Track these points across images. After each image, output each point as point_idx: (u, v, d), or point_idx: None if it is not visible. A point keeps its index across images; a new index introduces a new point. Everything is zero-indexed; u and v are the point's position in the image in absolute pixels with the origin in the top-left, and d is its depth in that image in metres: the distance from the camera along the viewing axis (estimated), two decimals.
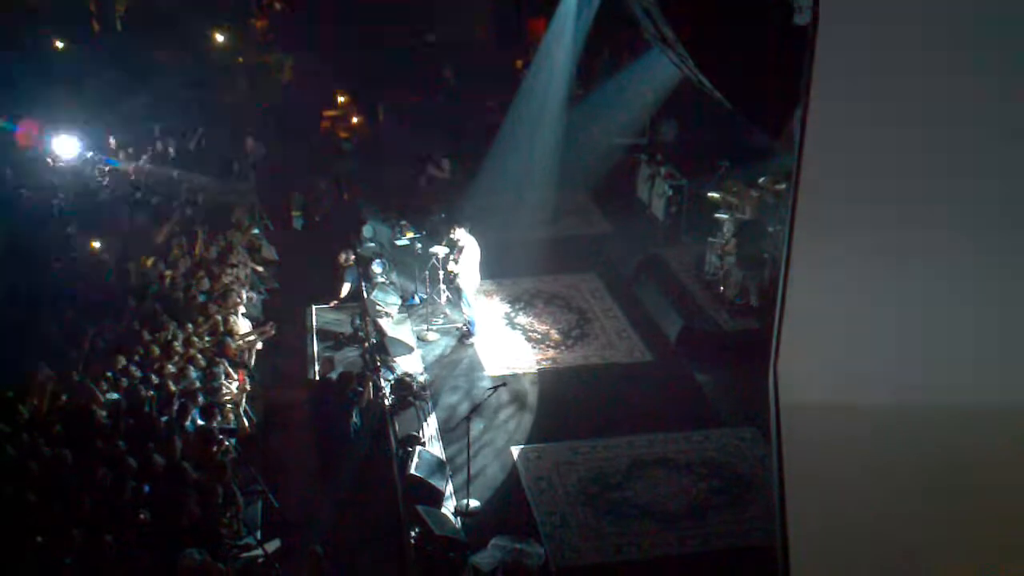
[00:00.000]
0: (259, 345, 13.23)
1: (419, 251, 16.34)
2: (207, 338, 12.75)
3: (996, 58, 3.41)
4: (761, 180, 15.97)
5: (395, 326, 14.52)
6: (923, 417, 3.80)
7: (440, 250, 15.17)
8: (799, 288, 4.44)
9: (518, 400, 13.00)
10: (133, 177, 18.77)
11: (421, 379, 13.25)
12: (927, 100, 3.69)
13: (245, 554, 9.56)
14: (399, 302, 15.22)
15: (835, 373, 4.41)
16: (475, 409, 11.39)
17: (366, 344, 14.01)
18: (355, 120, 24.19)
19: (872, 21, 4.00)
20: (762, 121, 9.49)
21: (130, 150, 19.80)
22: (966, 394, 3.61)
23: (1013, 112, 3.34)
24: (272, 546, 9.68)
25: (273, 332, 13.40)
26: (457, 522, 10.48)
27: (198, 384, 11.68)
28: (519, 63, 23.64)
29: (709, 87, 9.84)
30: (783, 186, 15.18)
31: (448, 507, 10.79)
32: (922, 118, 3.73)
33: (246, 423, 11.79)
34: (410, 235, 17.48)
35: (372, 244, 16.98)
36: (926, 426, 3.80)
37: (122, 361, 11.83)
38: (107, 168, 19.07)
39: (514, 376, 13.55)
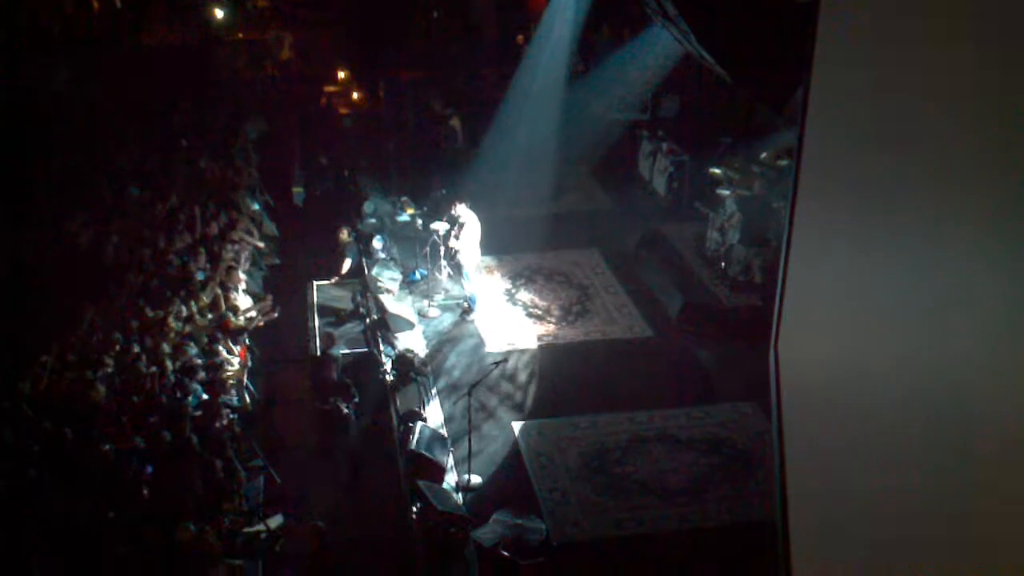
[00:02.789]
0: (260, 321, 13.24)
1: (420, 227, 16.32)
2: (208, 315, 12.77)
3: (1000, 38, 3.39)
4: (763, 156, 15.94)
5: (396, 302, 14.52)
6: (924, 394, 3.80)
7: (441, 226, 15.15)
8: (801, 264, 4.43)
9: (519, 376, 13.03)
10: None
11: (422, 355, 13.26)
12: (931, 75, 3.67)
13: (247, 529, 9.61)
14: (400, 278, 15.21)
15: (836, 349, 4.41)
16: (476, 385, 11.40)
17: (367, 320, 14.01)
18: (355, 96, 24.11)
19: None
20: (764, 96, 9.49)
21: None
22: (969, 373, 3.61)
23: (1018, 94, 3.32)
24: (274, 521, 9.72)
25: (276, 313, 13.39)
26: (458, 497, 10.52)
27: (199, 360, 11.70)
28: (520, 38, 23.55)
29: (711, 62, 9.82)
30: (785, 162, 15.17)
31: (449, 482, 10.84)
32: (926, 93, 3.71)
33: (248, 399, 11.82)
34: (411, 211, 17.45)
35: (373, 220, 16.96)
36: (927, 403, 3.81)
37: (121, 339, 11.84)
38: None
39: (515, 352, 13.57)
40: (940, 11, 3.62)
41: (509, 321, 14.56)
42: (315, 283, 15.34)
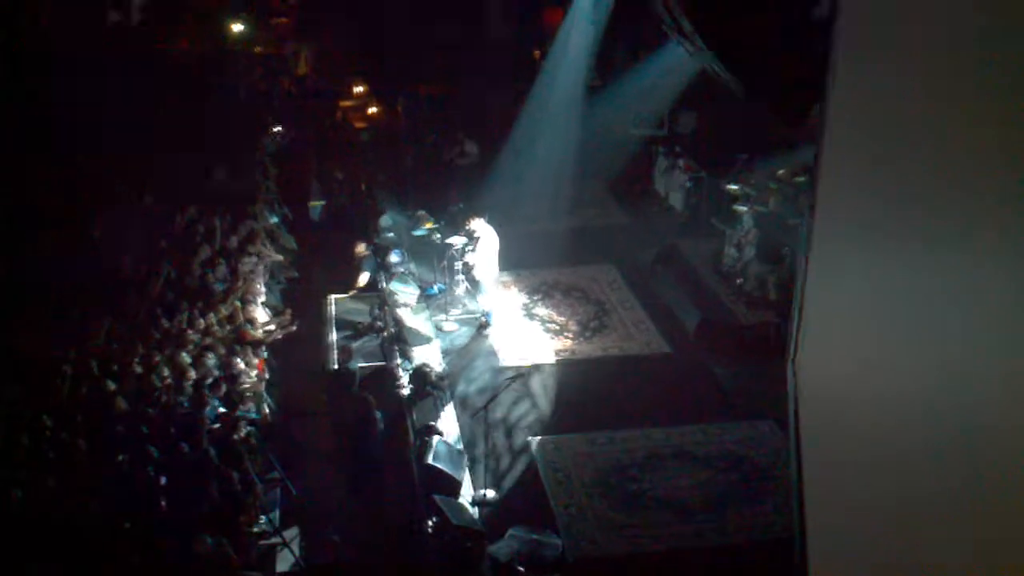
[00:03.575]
0: (279, 334, 13.28)
1: (437, 241, 16.36)
2: (227, 326, 12.81)
3: (1021, 54, 3.39)
4: (780, 172, 15.91)
5: (413, 316, 14.54)
6: (944, 409, 3.79)
7: (458, 240, 15.19)
8: (818, 281, 4.43)
9: (535, 391, 13.01)
10: None
11: (439, 369, 13.27)
12: (950, 94, 3.67)
13: (263, 541, 9.62)
14: (417, 292, 15.22)
15: (853, 366, 4.40)
16: (492, 400, 11.39)
17: (384, 334, 14.04)
18: (372, 110, 24.21)
19: (893, 13, 3.98)
20: (781, 112, 9.46)
21: None
22: (984, 389, 3.60)
23: None
24: (290, 534, 9.73)
25: (294, 327, 13.42)
26: (474, 512, 10.51)
27: (217, 372, 11.74)
28: (537, 54, 23.59)
29: (727, 78, 9.81)
30: (802, 178, 15.12)
31: (465, 497, 10.82)
32: (947, 109, 3.71)
33: (266, 411, 11.84)
34: (428, 225, 17.47)
35: (390, 234, 17.00)
36: (944, 420, 3.80)
37: (141, 349, 11.89)
38: None
39: (532, 367, 13.56)
40: (964, 26, 3.63)
41: (526, 336, 14.55)
42: (332, 296, 15.38)
